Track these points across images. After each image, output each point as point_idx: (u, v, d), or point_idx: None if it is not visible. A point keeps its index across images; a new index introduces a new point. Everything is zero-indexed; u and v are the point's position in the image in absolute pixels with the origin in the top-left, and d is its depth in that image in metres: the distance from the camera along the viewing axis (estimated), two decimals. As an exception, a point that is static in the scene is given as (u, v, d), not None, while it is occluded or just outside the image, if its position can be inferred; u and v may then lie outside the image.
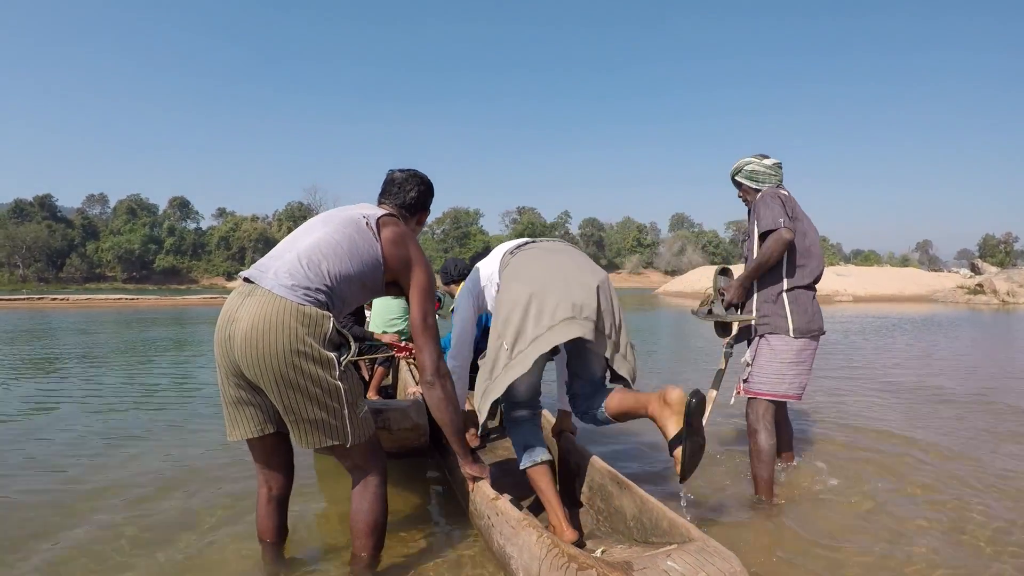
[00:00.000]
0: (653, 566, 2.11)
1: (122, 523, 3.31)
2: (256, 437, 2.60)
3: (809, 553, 3.00)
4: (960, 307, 28.98)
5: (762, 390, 3.50)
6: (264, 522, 2.78)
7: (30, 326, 17.44)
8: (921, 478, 4.05)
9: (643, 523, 2.81)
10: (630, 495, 2.95)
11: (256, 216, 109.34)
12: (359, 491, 2.62)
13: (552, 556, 2.23)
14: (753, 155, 3.76)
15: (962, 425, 5.47)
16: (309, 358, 2.36)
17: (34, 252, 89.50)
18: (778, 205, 3.45)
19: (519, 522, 2.49)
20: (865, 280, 41.57)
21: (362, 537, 2.62)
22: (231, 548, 3.00)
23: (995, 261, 64.29)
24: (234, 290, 2.52)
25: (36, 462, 4.46)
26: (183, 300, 33.70)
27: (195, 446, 4.84)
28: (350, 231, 2.59)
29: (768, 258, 3.41)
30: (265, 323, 2.32)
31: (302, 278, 2.43)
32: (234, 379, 2.46)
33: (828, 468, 4.19)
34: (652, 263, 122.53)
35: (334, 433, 2.47)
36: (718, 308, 3.50)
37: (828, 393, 6.94)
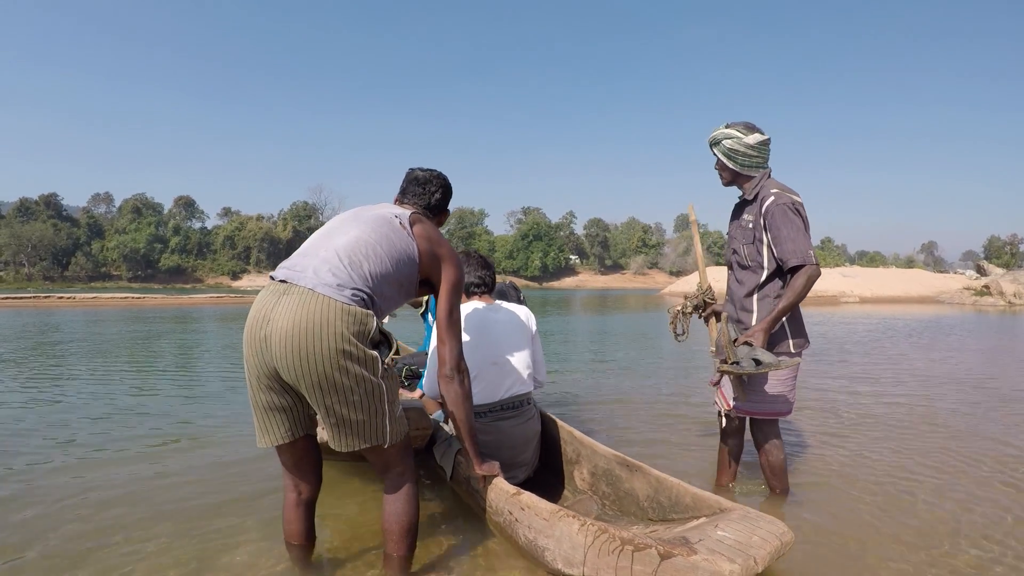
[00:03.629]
0: (707, 537, 2.21)
1: (141, 526, 3.25)
2: (287, 443, 2.56)
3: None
4: (966, 309, 28.92)
5: (766, 409, 3.34)
6: (293, 526, 2.72)
7: (40, 326, 17.37)
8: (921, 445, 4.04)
9: (660, 502, 2.88)
10: (643, 476, 3.01)
11: (261, 215, 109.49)
12: (393, 492, 2.58)
13: (602, 542, 2.25)
14: (736, 125, 3.33)
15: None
16: (354, 358, 2.31)
17: (39, 251, 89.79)
18: (802, 226, 3.14)
19: (552, 513, 2.49)
20: (871, 281, 41.55)
21: (397, 539, 2.58)
22: (257, 551, 2.94)
23: (1001, 262, 64.28)
24: (264, 289, 2.45)
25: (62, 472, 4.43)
26: (189, 299, 33.63)
27: (219, 446, 4.80)
28: (386, 230, 2.57)
29: (801, 299, 3.11)
30: (308, 323, 2.26)
31: (346, 277, 2.38)
32: (267, 382, 2.39)
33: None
34: (657, 264, 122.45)
35: (374, 434, 2.44)
36: (767, 356, 2.97)
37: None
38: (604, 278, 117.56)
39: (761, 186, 3.29)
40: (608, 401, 6.55)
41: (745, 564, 2.07)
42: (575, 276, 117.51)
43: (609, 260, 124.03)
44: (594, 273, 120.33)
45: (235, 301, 34.14)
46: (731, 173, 3.38)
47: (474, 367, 3.28)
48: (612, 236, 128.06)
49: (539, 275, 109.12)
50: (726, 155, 3.32)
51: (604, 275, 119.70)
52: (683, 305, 3.80)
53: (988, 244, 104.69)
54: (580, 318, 23.04)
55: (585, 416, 5.77)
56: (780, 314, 3.12)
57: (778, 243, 3.15)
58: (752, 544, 2.18)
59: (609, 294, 60.37)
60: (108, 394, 6.87)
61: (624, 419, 5.69)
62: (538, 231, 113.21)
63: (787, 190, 3.23)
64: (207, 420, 5.62)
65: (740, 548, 2.15)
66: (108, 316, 21.53)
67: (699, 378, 7.97)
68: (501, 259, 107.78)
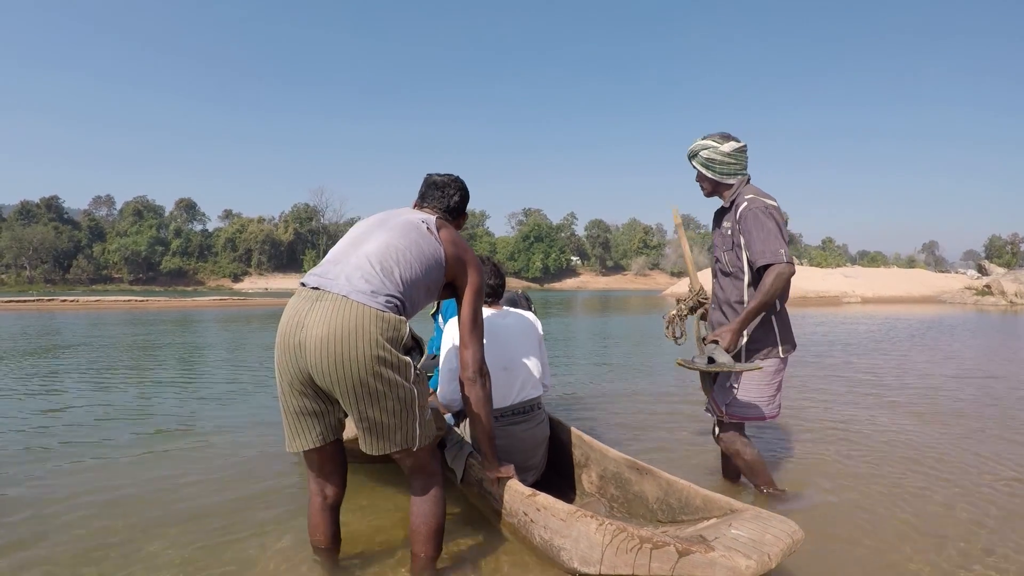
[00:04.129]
0: (723, 535, 2.31)
1: (163, 528, 3.30)
2: (317, 447, 2.59)
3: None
4: (968, 308, 28.94)
5: (750, 414, 3.34)
6: (319, 529, 2.74)
7: (45, 329, 17.40)
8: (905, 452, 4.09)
9: (670, 504, 2.95)
10: (653, 479, 3.09)
11: (262, 218, 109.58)
12: (421, 494, 2.63)
13: (620, 540, 2.33)
14: (712, 136, 3.38)
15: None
16: (388, 364, 2.34)
17: (41, 254, 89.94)
18: (774, 228, 3.15)
19: (569, 514, 2.54)
20: (873, 281, 41.56)
21: (424, 539, 2.62)
22: (281, 554, 2.98)
23: (1002, 262, 64.26)
24: (295, 296, 2.48)
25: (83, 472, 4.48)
26: (193, 302, 33.61)
27: (242, 449, 4.84)
28: (414, 236, 2.60)
29: (772, 298, 3.10)
30: (344, 329, 2.29)
31: (379, 283, 2.42)
32: (299, 387, 2.43)
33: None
34: (658, 265, 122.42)
35: (405, 438, 2.48)
36: (723, 357, 3.01)
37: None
38: (605, 279, 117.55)
39: (738, 193, 3.33)
40: (613, 402, 6.61)
41: (760, 560, 2.16)
42: (576, 277, 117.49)
43: (610, 261, 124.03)
44: (595, 274, 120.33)
45: (239, 304, 34.16)
46: (711, 183, 3.43)
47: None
48: (613, 237, 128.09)
49: (540, 276, 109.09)
50: (704, 165, 3.37)
51: (605, 276, 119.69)
52: (678, 308, 3.83)
53: (989, 243, 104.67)
54: (583, 319, 23.06)
55: (591, 417, 5.82)
56: (750, 315, 3.12)
57: (749, 246, 3.18)
58: (765, 542, 2.26)
59: (611, 295, 60.32)
60: (117, 396, 6.94)
61: (631, 419, 5.75)
62: (539, 232, 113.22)
63: (762, 194, 3.26)
64: (219, 421, 5.68)
65: (755, 545, 2.24)
66: (114, 319, 21.58)
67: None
68: (502, 261, 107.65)
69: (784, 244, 3.12)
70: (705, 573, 2.17)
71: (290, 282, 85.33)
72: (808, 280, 39.78)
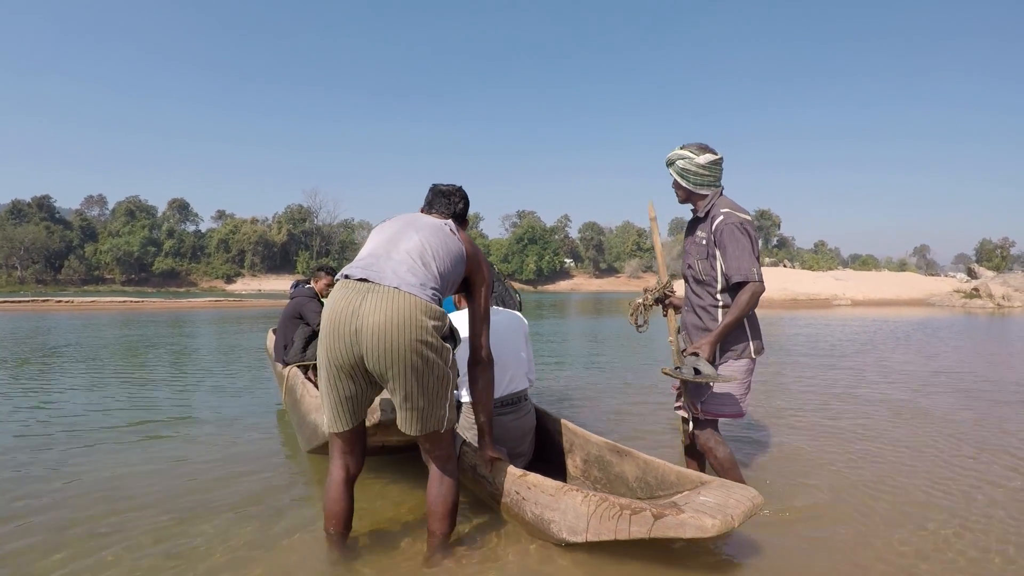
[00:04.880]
0: (693, 501, 2.62)
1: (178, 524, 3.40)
2: (351, 428, 2.82)
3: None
4: (956, 311, 29.25)
5: (723, 411, 3.46)
6: (337, 505, 2.90)
7: (44, 330, 17.41)
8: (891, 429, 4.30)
9: (647, 482, 3.25)
10: (631, 460, 3.39)
11: (256, 218, 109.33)
12: (439, 475, 2.87)
13: (603, 509, 2.64)
14: (690, 146, 3.49)
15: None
16: (434, 348, 2.62)
17: (32, 254, 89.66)
18: (747, 245, 3.31)
19: (557, 490, 2.81)
20: (863, 284, 41.84)
21: (441, 518, 2.86)
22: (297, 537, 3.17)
23: (992, 265, 64.50)
24: (341, 288, 2.69)
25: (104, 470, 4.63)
26: (189, 303, 33.51)
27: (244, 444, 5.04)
28: (442, 236, 2.88)
29: (745, 314, 3.29)
30: (399, 317, 2.54)
31: (424, 277, 2.69)
32: (349, 371, 2.65)
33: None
34: (652, 267, 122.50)
35: (438, 419, 2.75)
36: (707, 368, 3.18)
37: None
38: (599, 281, 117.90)
39: (713, 204, 3.46)
40: (599, 396, 6.85)
41: (724, 520, 2.48)
42: (570, 279, 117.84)
43: (604, 263, 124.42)
44: (589, 276, 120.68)
45: (235, 305, 34.21)
46: (685, 192, 3.57)
47: None
48: (607, 239, 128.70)
49: (534, 278, 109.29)
50: (679, 174, 3.50)
51: (599, 278, 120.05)
52: (644, 298, 4.00)
53: (980, 247, 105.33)
54: (575, 321, 23.23)
55: (576, 409, 6.07)
56: (726, 329, 3.29)
57: (725, 260, 3.34)
58: (729, 505, 2.59)
59: (604, 297, 60.60)
60: (156, 393, 7.12)
61: (611, 411, 6.04)
62: (533, 235, 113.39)
63: (737, 209, 3.41)
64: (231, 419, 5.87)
65: (719, 508, 2.56)
66: (119, 321, 21.65)
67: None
68: (496, 263, 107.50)
69: (756, 262, 3.30)
70: (677, 532, 2.47)
71: (283, 283, 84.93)
72: (799, 283, 40.12)
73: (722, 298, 3.42)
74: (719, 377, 3.17)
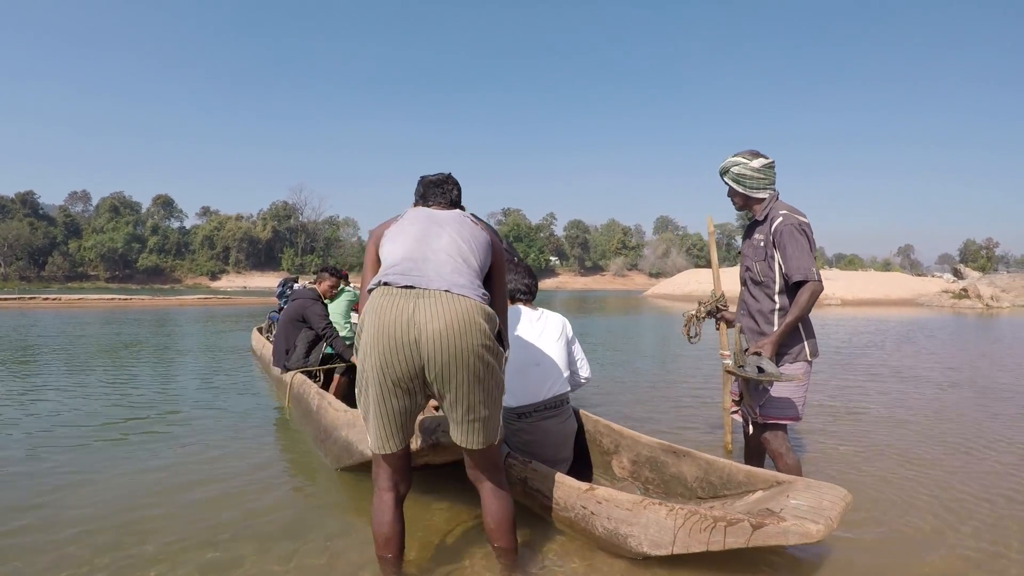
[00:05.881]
0: (786, 505, 2.57)
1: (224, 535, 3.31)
2: (403, 447, 2.66)
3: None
4: (946, 311, 29.48)
5: (782, 415, 3.43)
6: (390, 528, 2.70)
7: (39, 329, 17.18)
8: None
9: (711, 482, 3.23)
10: (691, 460, 3.38)
11: (240, 215, 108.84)
12: (495, 490, 2.73)
13: (693, 522, 2.55)
14: (742, 153, 3.55)
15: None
16: (493, 352, 2.51)
17: (16, 250, 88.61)
18: (806, 245, 3.33)
19: (635, 504, 2.74)
20: (852, 284, 42.17)
21: (507, 533, 2.74)
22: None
23: (977, 266, 65.19)
24: (383, 296, 2.50)
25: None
26: (178, 300, 33.38)
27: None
28: (468, 228, 2.78)
29: (806, 313, 3.31)
30: (459, 322, 2.41)
31: (470, 276, 2.58)
32: (406, 385, 2.48)
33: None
34: (637, 265, 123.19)
35: (494, 430, 2.64)
36: (770, 366, 3.16)
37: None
38: (584, 279, 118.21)
39: (771, 207, 3.49)
40: (628, 399, 6.79)
41: (826, 524, 2.45)
42: (555, 277, 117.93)
43: (589, 262, 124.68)
44: (574, 274, 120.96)
45: (223, 302, 34.01)
46: (742, 197, 3.58)
47: (518, 367, 3.53)
48: (592, 238, 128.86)
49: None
50: (735, 180, 3.53)
51: (584, 276, 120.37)
52: (697, 310, 4.03)
53: (964, 248, 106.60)
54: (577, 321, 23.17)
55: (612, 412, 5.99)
56: (788, 327, 3.31)
57: (784, 260, 3.35)
58: (824, 507, 2.55)
59: (591, 296, 60.48)
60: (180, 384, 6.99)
61: (647, 415, 5.95)
62: (518, 233, 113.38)
63: (795, 212, 3.44)
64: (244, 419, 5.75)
65: (817, 511, 2.51)
66: (107, 319, 21.40)
67: (712, 378, 8.23)
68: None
69: (814, 262, 3.33)
70: (779, 541, 2.43)
71: (268, 280, 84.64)
72: (788, 282, 40.23)
73: (779, 300, 3.42)
74: (782, 376, 3.16)
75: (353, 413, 3.89)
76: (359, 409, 2.67)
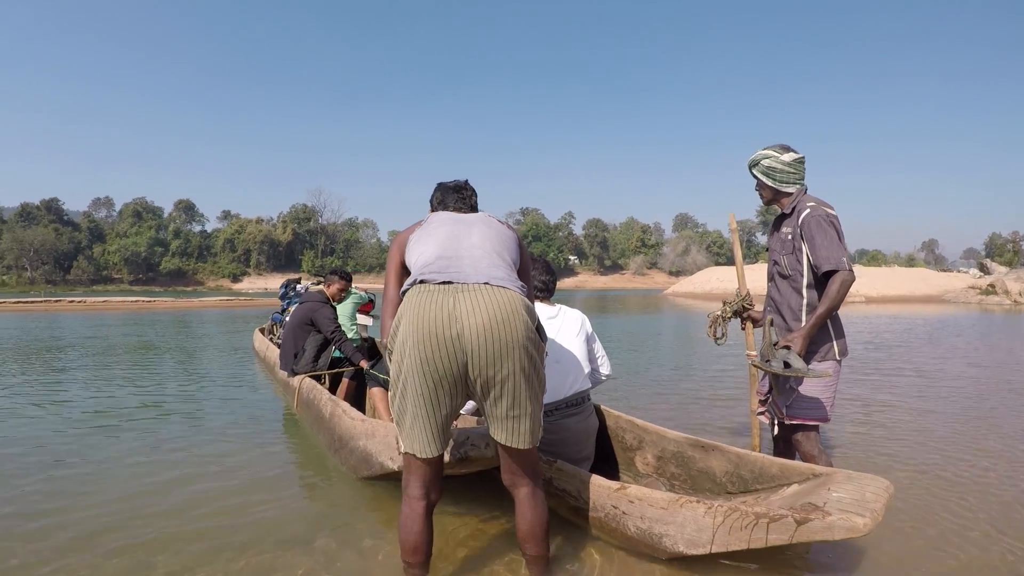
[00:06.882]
0: (828, 498, 2.49)
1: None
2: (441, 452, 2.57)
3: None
4: (972, 308, 29.09)
5: (811, 416, 3.35)
6: (417, 537, 2.58)
7: (65, 330, 17.33)
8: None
9: (741, 476, 3.17)
10: (720, 454, 3.31)
11: (261, 218, 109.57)
12: (531, 496, 2.62)
13: (733, 519, 2.47)
14: (773, 146, 3.49)
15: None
16: (536, 346, 2.44)
17: (41, 255, 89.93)
18: (835, 236, 3.27)
19: (671, 502, 2.66)
20: (876, 281, 41.53)
21: (542, 541, 2.63)
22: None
23: (1003, 260, 64.11)
24: (420, 294, 2.43)
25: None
26: (200, 302, 33.46)
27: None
28: (495, 226, 2.75)
29: (838, 304, 3.21)
30: (501, 314, 2.34)
31: (506, 269, 2.54)
32: (449, 385, 2.40)
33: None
34: (656, 264, 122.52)
35: (537, 428, 2.54)
36: (798, 362, 3.05)
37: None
38: (604, 278, 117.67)
39: (798, 201, 3.43)
40: (648, 400, 6.72)
41: (873, 517, 2.36)
42: (575, 277, 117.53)
43: (608, 260, 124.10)
44: (593, 273, 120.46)
45: (244, 304, 34.15)
46: (771, 191, 3.52)
47: None
48: (611, 236, 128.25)
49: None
50: (765, 173, 3.47)
51: (604, 275, 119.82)
52: (723, 310, 3.94)
53: (989, 242, 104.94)
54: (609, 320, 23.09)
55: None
56: (820, 320, 3.21)
57: (813, 251, 3.28)
58: (868, 499, 2.47)
59: (611, 295, 60.04)
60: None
61: (667, 415, 5.88)
62: (537, 232, 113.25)
63: (823, 204, 3.37)
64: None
65: (861, 504, 2.42)
66: (139, 319, 21.55)
67: (737, 379, 8.13)
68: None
69: (845, 252, 3.25)
70: (824, 536, 2.34)
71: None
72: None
73: (807, 295, 3.35)
74: (810, 372, 3.06)
75: (371, 423, 3.80)
76: (393, 413, 2.56)
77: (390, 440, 3.40)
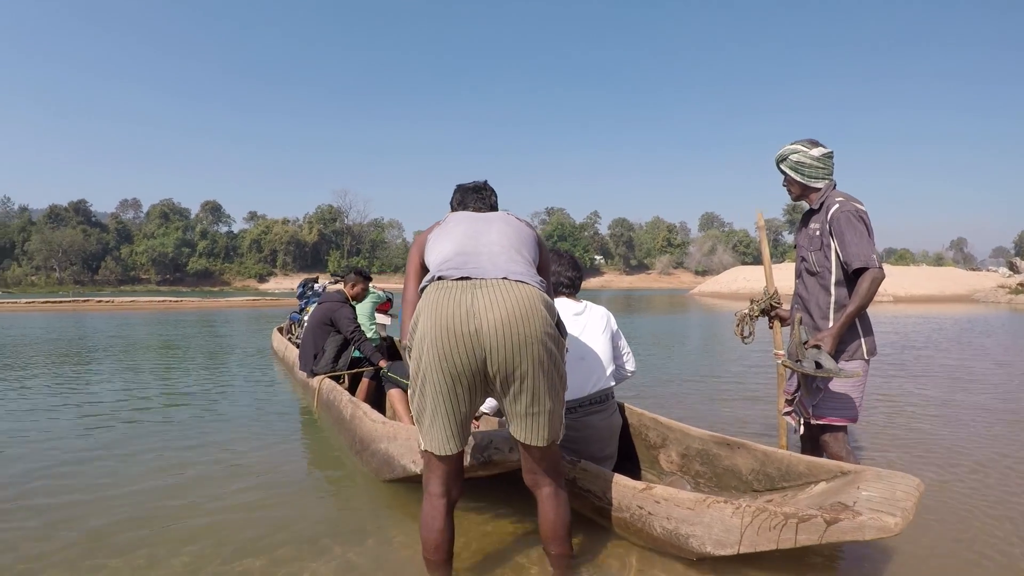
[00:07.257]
0: (857, 497, 2.43)
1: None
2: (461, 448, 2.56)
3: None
4: (1002, 307, 28.60)
5: (838, 416, 3.30)
6: (439, 535, 2.59)
7: (95, 329, 17.54)
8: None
9: (768, 473, 3.12)
10: (746, 452, 3.27)
11: (287, 219, 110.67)
12: (553, 496, 2.62)
13: (762, 520, 2.43)
14: (801, 141, 3.43)
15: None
16: (556, 341, 2.41)
17: (70, 256, 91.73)
18: (865, 232, 3.22)
19: (697, 502, 2.61)
20: (904, 280, 40.94)
21: (565, 540, 2.63)
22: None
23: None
24: (438, 290, 2.42)
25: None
26: (227, 302, 33.75)
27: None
28: (514, 224, 2.75)
29: (868, 301, 3.16)
30: (520, 309, 2.32)
31: (524, 265, 2.52)
32: (468, 380, 2.38)
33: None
34: (682, 263, 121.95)
35: (558, 425, 2.52)
36: (828, 362, 3.02)
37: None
38: (630, 278, 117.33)
39: (827, 196, 3.37)
40: (671, 399, 6.68)
41: (904, 516, 2.29)
42: (600, 276, 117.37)
43: (634, 260, 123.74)
44: (619, 273, 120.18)
45: (271, 304, 34.40)
46: (799, 187, 3.47)
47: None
48: (637, 236, 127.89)
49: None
50: (793, 168, 3.42)
51: (629, 275, 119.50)
52: (750, 309, 3.89)
53: (1019, 239, 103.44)
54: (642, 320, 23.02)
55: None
56: (849, 318, 3.16)
57: (842, 247, 3.22)
58: (898, 498, 2.40)
59: (636, 294, 59.82)
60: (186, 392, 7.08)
61: (690, 415, 5.83)
62: (562, 232, 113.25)
63: (851, 199, 3.31)
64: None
65: (892, 503, 2.36)
66: (167, 319, 21.77)
67: (764, 378, 8.06)
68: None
69: (874, 249, 3.20)
70: (855, 536, 2.28)
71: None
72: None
73: (835, 292, 3.30)
74: (841, 372, 3.02)
75: (392, 425, 3.78)
76: (412, 411, 2.55)
77: (412, 443, 3.37)
